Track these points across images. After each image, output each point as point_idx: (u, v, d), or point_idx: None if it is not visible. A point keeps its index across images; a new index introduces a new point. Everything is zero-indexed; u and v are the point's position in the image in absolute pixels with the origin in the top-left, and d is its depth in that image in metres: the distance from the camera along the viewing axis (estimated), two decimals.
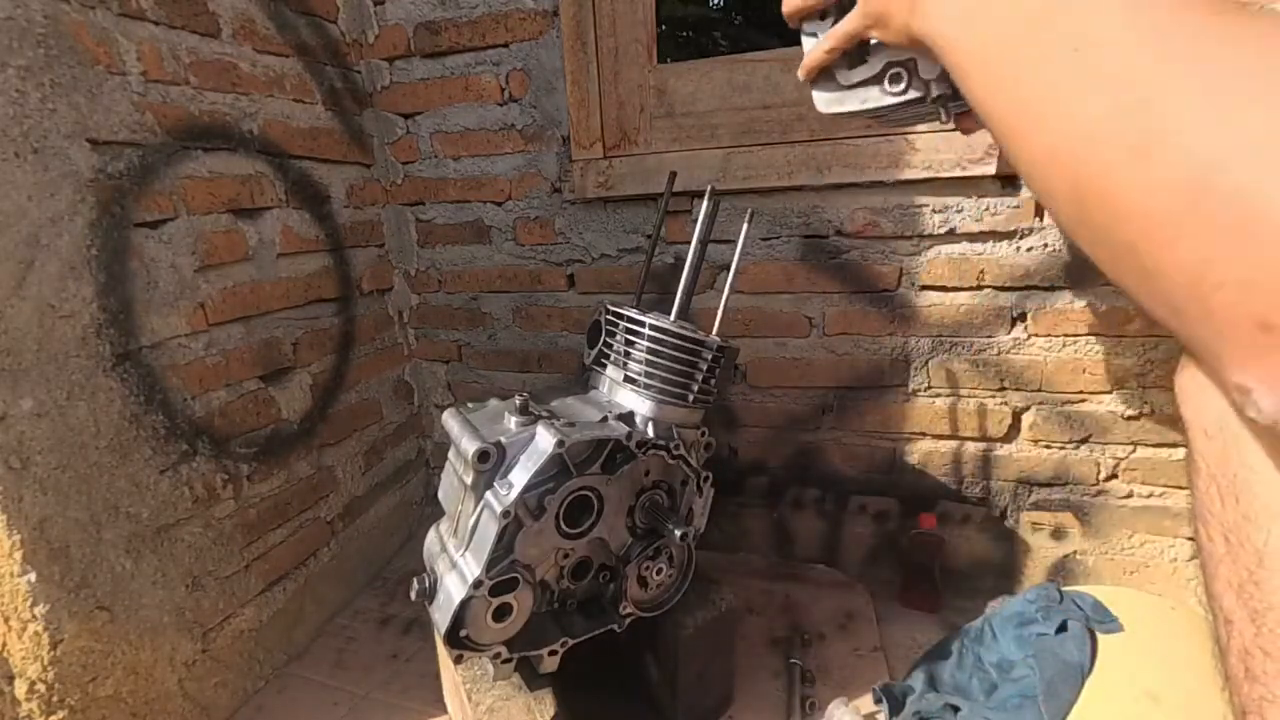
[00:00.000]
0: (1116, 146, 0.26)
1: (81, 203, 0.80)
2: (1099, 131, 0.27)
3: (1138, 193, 0.26)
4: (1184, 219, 0.24)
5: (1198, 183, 0.23)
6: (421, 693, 1.04)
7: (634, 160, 1.20)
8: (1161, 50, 0.26)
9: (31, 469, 0.75)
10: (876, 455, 1.23)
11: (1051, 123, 0.29)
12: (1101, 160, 0.27)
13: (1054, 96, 0.29)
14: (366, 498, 1.36)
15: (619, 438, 0.74)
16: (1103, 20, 0.27)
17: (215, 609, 0.99)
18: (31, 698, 0.77)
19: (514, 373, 1.44)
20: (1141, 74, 0.26)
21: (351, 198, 1.29)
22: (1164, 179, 0.25)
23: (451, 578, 0.74)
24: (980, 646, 0.99)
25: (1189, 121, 0.24)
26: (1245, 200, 0.22)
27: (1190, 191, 0.24)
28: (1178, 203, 0.24)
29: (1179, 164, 0.24)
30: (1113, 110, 0.26)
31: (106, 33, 0.83)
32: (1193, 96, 0.24)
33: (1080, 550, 1.17)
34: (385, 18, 1.27)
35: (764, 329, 1.23)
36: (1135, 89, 0.26)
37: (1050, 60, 0.29)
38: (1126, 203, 0.26)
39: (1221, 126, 0.23)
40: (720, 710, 0.95)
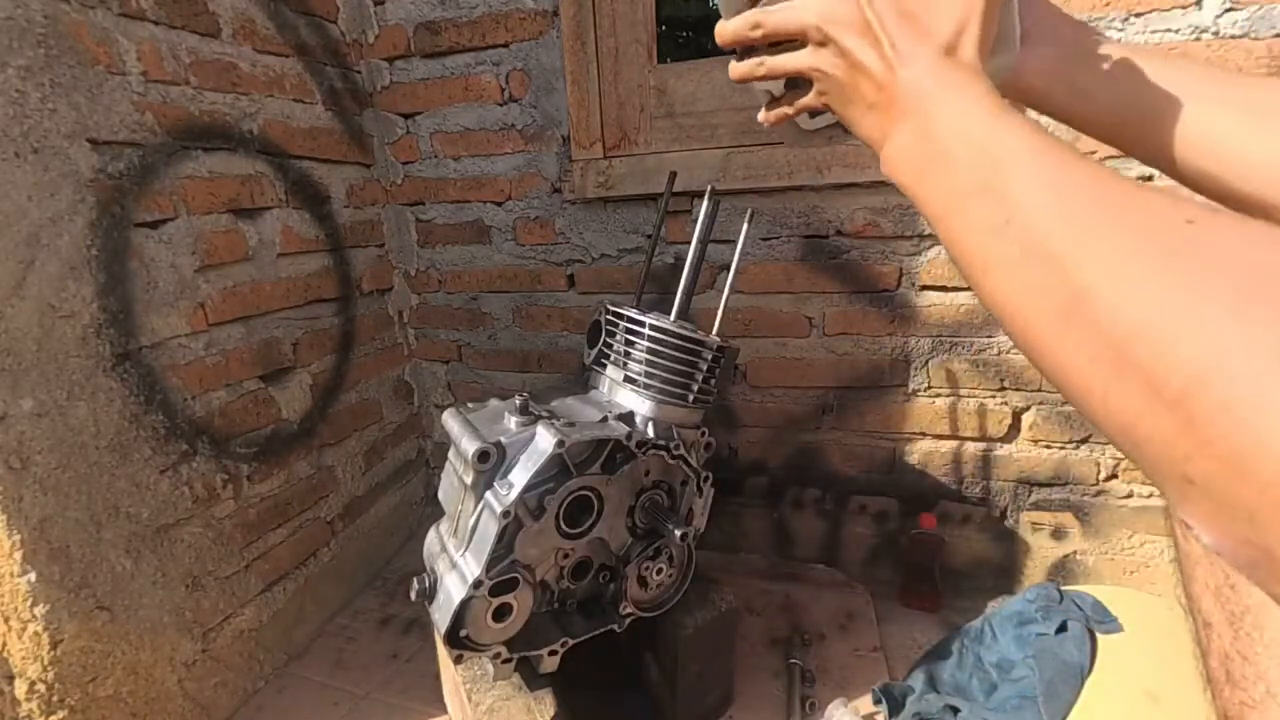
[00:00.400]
0: (1045, 311, 0.29)
1: (81, 203, 0.80)
2: (1030, 297, 0.29)
3: (1066, 355, 0.28)
4: (1108, 382, 0.26)
5: (1115, 350, 0.26)
6: (421, 693, 1.04)
7: (634, 160, 1.20)
8: (1081, 228, 0.28)
9: (31, 469, 0.75)
10: (876, 455, 1.23)
11: (990, 281, 0.32)
12: (1034, 322, 0.29)
13: (991, 260, 0.32)
14: (366, 498, 1.36)
15: (619, 438, 0.74)
16: (1030, 200, 0.30)
17: (215, 609, 0.99)
18: (31, 698, 0.77)
19: (514, 373, 1.44)
20: (1063, 249, 0.28)
21: (351, 198, 1.29)
22: (1086, 345, 0.27)
23: (451, 578, 0.74)
24: (980, 646, 0.99)
25: (1105, 294, 0.26)
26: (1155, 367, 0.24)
27: (1109, 358, 0.26)
28: (1100, 368, 0.26)
29: (1097, 333, 0.26)
30: (1041, 280, 0.29)
31: (106, 33, 0.83)
32: (1108, 271, 0.27)
33: (1080, 550, 1.17)
34: (385, 18, 1.27)
35: (764, 329, 1.23)
36: (1058, 264, 0.28)
37: (985, 230, 0.32)
38: (1060, 362, 0.29)
39: (1134, 299, 0.25)
40: (720, 710, 0.95)
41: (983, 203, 0.32)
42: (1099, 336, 0.26)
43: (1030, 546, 1.19)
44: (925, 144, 0.37)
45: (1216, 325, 0.23)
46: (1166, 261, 0.25)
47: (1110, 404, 0.26)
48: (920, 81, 0.37)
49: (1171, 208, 0.27)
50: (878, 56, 0.39)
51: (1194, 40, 0.91)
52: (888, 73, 0.38)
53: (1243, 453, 0.21)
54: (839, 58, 0.41)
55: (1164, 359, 0.24)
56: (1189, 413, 0.23)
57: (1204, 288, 0.24)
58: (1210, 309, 0.23)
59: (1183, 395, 0.23)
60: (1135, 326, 0.25)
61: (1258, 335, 0.22)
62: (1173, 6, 0.90)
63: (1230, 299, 0.23)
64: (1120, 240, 0.27)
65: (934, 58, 0.37)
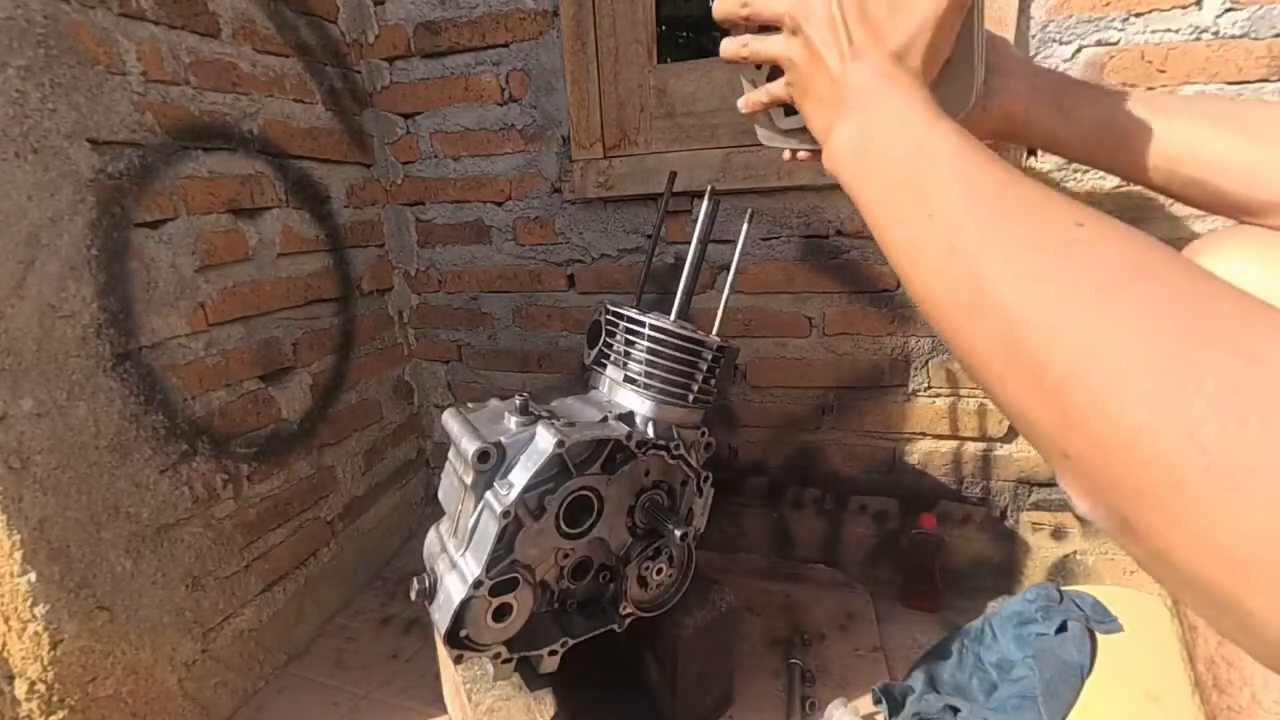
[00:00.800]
0: (956, 303, 0.32)
1: (81, 203, 0.80)
2: (944, 289, 0.32)
3: (973, 344, 0.31)
4: (1004, 371, 0.29)
5: (1008, 342, 0.29)
6: (421, 693, 1.04)
7: (634, 160, 1.20)
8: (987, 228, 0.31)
9: (31, 469, 0.75)
10: (876, 455, 1.23)
11: (914, 273, 0.35)
12: (948, 312, 0.33)
13: (915, 253, 0.35)
14: (366, 498, 1.36)
15: (619, 438, 0.74)
16: (949, 200, 0.33)
17: (215, 609, 0.99)
18: (31, 698, 0.77)
19: (514, 373, 1.44)
20: (972, 247, 0.31)
21: (351, 198, 1.29)
22: (987, 336, 0.30)
23: (451, 578, 0.74)
24: (980, 646, 0.99)
25: (1001, 290, 0.29)
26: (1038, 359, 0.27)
27: (1004, 349, 0.29)
28: (997, 357, 0.29)
29: (994, 326, 0.29)
30: (954, 274, 0.32)
31: (106, 33, 0.83)
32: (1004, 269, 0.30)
33: (1080, 550, 1.17)
34: (385, 18, 1.27)
35: (764, 329, 1.23)
36: (968, 260, 0.31)
37: (911, 224, 0.35)
38: (968, 350, 0.32)
39: (1023, 296, 0.28)
40: (720, 710, 0.95)
41: (911, 199, 0.35)
42: (996, 329, 0.29)
43: (1030, 546, 1.19)
44: (865, 140, 0.40)
45: (1086, 323, 0.26)
46: (1050, 263, 0.28)
47: (1006, 390, 0.29)
48: (867, 81, 0.40)
49: (1064, 213, 0.30)
50: (836, 51, 0.42)
51: (1194, 40, 0.91)
52: (841, 67, 0.41)
53: (1105, 435, 0.24)
54: (804, 48, 0.44)
55: (1044, 352, 0.27)
56: (1064, 400, 0.26)
57: (1078, 288, 0.27)
58: (1082, 308, 0.26)
59: (1059, 385, 0.26)
60: (1023, 321, 0.28)
61: (1119, 334, 0.25)
62: (1173, 6, 0.90)
63: (1099, 299, 0.26)
64: (1016, 241, 0.30)
65: (884, 61, 0.40)
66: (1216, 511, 0.21)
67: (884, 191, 0.37)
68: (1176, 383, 0.22)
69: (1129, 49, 0.94)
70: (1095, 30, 0.94)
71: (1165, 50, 0.92)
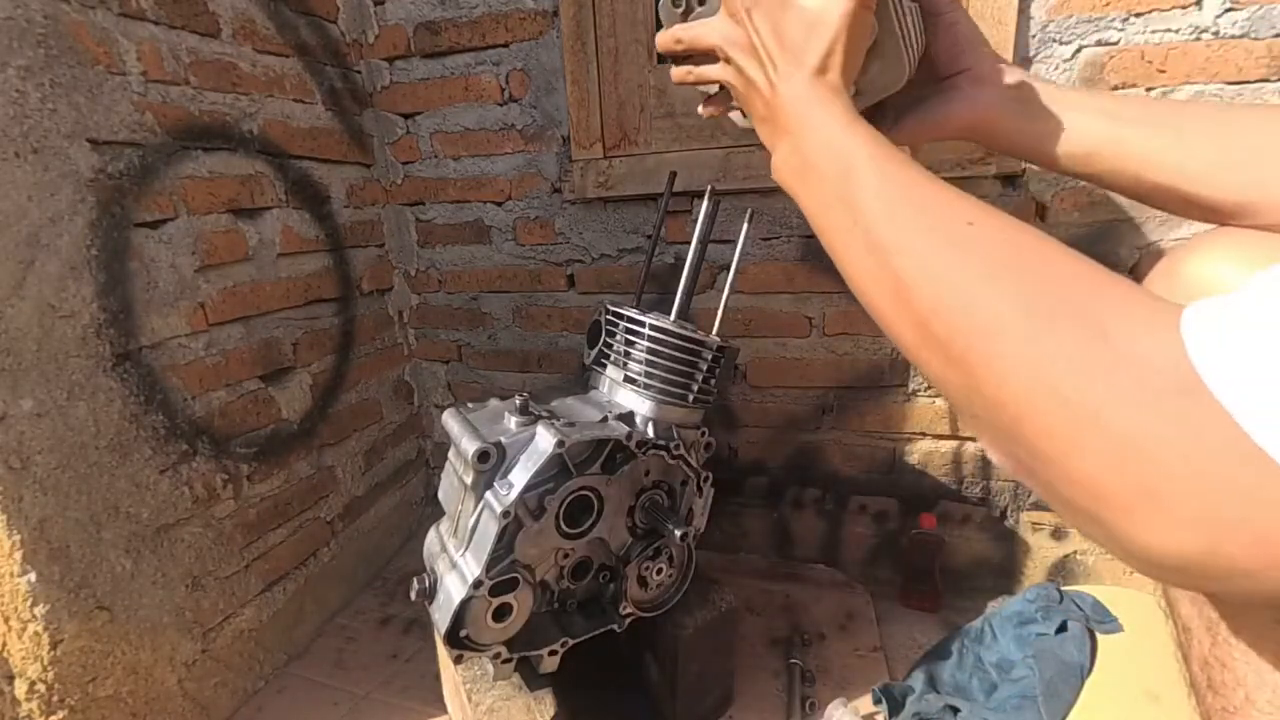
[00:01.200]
0: (882, 294, 0.37)
1: (81, 203, 0.80)
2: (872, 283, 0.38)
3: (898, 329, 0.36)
4: (921, 349, 0.35)
5: (922, 324, 0.34)
6: (421, 693, 1.04)
7: (634, 160, 1.20)
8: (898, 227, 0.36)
9: (31, 469, 0.75)
10: (876, 455, 1.23)
11: (848, 270, 0.40)
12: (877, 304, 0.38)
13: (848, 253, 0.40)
14: (366, 498, 1.36)
15: (619, 438, 0.74)
16: (867, 204, 0.38)
17: (215, 609, 0.99)
18: (31, 698, 0.77)
19: (514, 373, 1.44)
20: (888, 244, 0.36)
21: (351, 198, 1.29)
22: (907, 321, 0.35)
23: (451, 578, 0.74)
24: (980, 646, 0.99)
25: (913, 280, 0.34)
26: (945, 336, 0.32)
27: (920, 330, 0.34)
28: (916, 337, 0.35)
29: (911, 311, 0.35)
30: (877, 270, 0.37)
31: (106, 33, 0.83)
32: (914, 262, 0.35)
33: (1080, 550, 1.17)
34: (385, 18, 1.27)
35: (764, 329, 1.23)
36: (886, 256, 0.36)
37: (842, 229, 0.40)
38: (896, 335, 0.37)
39: (930, 284, 0.33)
40: (720, 710, 0.95)
41: (840, 210, 0.40)
42: (912, 314, 0.34)
43: (1030, 546, 1.19)
44: (798, 156, 0.44)
45: (978, 307, 0.31)
46: (947, 258, 0.33)
47: (926, 365, 0.35)
48: (794, 101, 0.44)
49: (960, 210, 0.35)
50: (763, 76, 0.45)
51: (1194, 40, 0.91)
52: (770, 91, 0.45)
53: (997, 397, 0.29)
54: (738, 75, 0.47)
55: (948, 333, 0.32)
56: (967, 371, 0.31)
57: (970, 279, 0.32)
58: (973, 296, 0.31)
59: (962, 359, 0.31)
60: (932, 305, 0.33)
61: (1002, 315, 0.30)
62: (1172, 6, 0.90)
63: (986, 288, 0.31)
64: (922, 237, 0.35)
65: (806, 82, 0.44)
66: (1078, 451, 0.26)
67: (820, 204, 0.42)
68: (1045, 352, 0.28)
69: (1129, 49, 0.94)
70: (1095, 30, 0.94)
71: (1165, 50, 0.92)
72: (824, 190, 0.42)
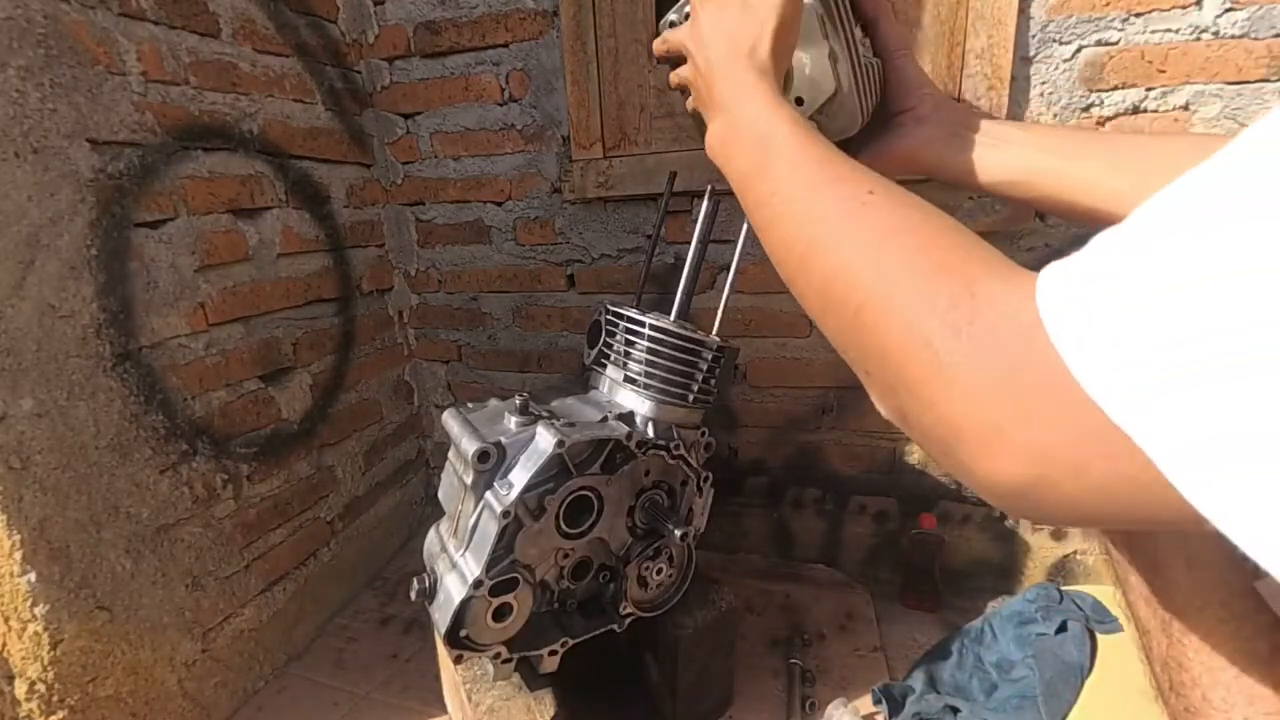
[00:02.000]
0: (792, 262, 0.41)
1: (81, 203, 0.80)
2: (785, 252, 0.41)
3: (807, 296, 0.40)
4: (825, 313, 0.38)
5: (824, 289, 0.37)
6: (421, 693, 1.04)
7: (634, 160, 1.20)
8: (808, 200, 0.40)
9: (31, 469, 0.75)
10: (876, 455, 1.23)
11: (766, 240, 0.44)
12: (788, 273, 0.42)
13: (766, 222, 0.44)
14: (366, 498, 1.36)
15: (619, 438, 0.74)
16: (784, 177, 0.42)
17: (215, 609, 0.99)
18: (31, 698, 0.77)
19: (514, 373, 1.44)
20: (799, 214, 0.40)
21: (351, 198, 1.29)
22: (812, 287, 0.39)
23: (451, 578, 0.74)
24: (980, 646, 0.99)
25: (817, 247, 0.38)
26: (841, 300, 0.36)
27: (822, 296, 0.38)
28: (820, 302, 0.38)
29: (816, 277, 0.38)
30: (789, 238, 0.41)
31: (106, 33, 0.83)
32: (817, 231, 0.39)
33: (1080, 550, 1.17)
34: (385, 18, 1.27)
35: (764, 329, 1.23)
36: (797, 225, 0.40)
37: (762, 200, 0.44)
38: (805, 302, 0.40)
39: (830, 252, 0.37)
40: (720, 710, 0.95)
41: (760, 178, 0.44)
42: (817, 279, 0.38)
43: (1030, 546, 1.19)
44: (728, 131, 0.49)
45: (869, 269, 0.34)
46: (847, 224, 0.37)
47: (828, 327, 0.38)
48: (724, 80, 0.49)
49: (861, 184, 0.39)
50: (705, 63, 0.51)
51: (1194, 40, 0.91)
52: (708, 71, 0.51)
53: (884, 350, 0.33)
54: (691, 67, 0.54)
55: (845, 293, 0.35)
56: (860, 329, 0.34)
57: (865, 244, 0.36)
58: (866, 259, 0.35)
59: (856, 319, 0.35)
60: (831, 271, 0.37)
61: (888, 276, 0.33)
62: (1172, 6, 0.90)
63: (877, 251, 0.35)
64: (827, 207, 0.39)
65: (738, 63, 0.49)
66: (943, 393, 0.29)
67: (743, 175, 0.46)
68: (924, 307, 0.31)
69: (1129, 49, 0.94)
70: (1095, 30, 0.94)
71: (1165, 50, 0.92)
72: (747, 162, 0.46)
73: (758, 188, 0.44)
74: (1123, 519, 0.28)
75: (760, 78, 0.48)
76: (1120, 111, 0.97)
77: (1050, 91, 0.99)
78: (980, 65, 0.98)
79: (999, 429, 0.27)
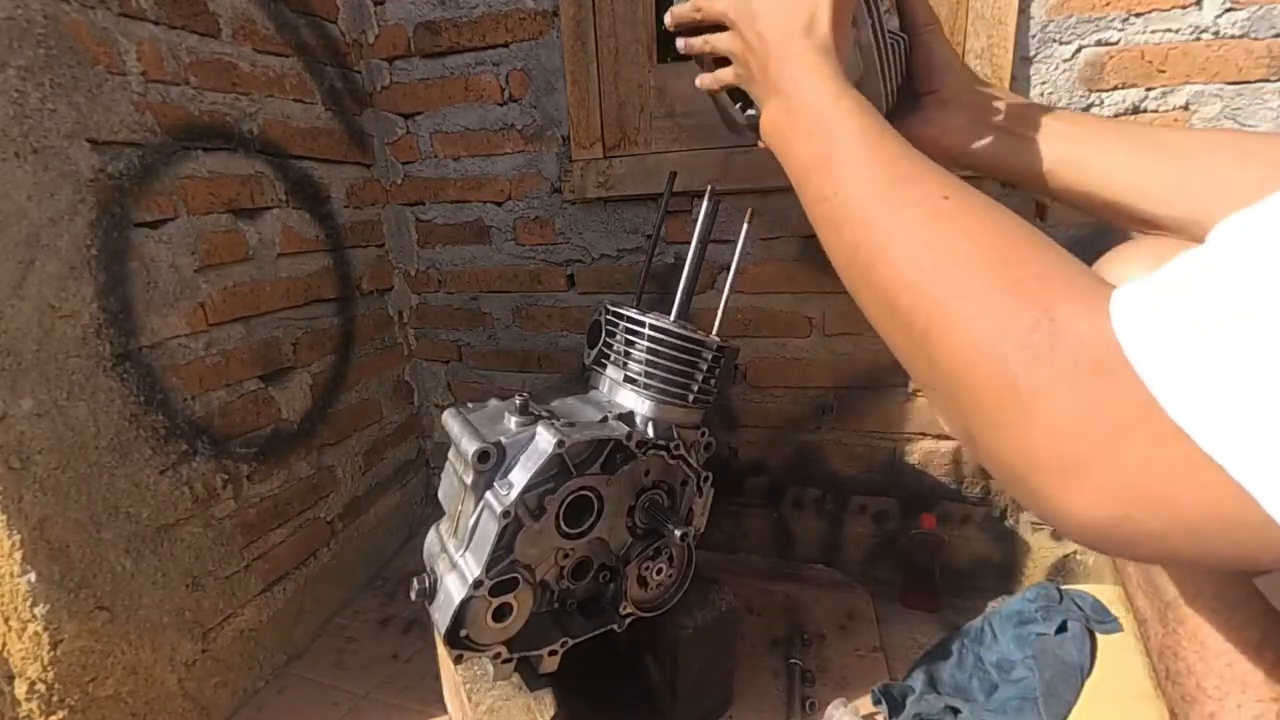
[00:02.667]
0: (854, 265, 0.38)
1: (81, 203, 0.80)
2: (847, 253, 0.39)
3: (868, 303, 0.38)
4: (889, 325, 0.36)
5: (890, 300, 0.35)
6: (421, 693, 1.04)
7: (634, 160, 1.20)
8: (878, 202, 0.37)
9: (31, 469, 0.75)
10: (876, 455, 1.23)
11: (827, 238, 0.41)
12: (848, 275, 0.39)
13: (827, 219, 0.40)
14: (366, 498, 1.36)
15: (619, 438, 0.74)
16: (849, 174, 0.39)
17: (215, 609, 0.99)
18: (31, 698, 0.77)
19: (514, 373, 1.44)
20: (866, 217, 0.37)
21: (351, 198, 1.29)
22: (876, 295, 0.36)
23: (451, 578, 0.74)
24: (980, 646, 0.99)
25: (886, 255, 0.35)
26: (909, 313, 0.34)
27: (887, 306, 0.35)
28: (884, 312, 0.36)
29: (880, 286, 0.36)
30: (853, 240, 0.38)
31: (106, 33, 0.83)
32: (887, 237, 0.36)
33: (1080, 550, 1.17)
34: (385, 18, 1.27)
35: (764, 329, 1.23)
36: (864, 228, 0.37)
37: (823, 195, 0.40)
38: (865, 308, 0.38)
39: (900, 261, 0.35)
40: (720, 710, 0.95)
41: (822, 173, 0.41)
42: (881, 288, 0.36)
43: (1030, 546, 1.19)
44: (786, 117, 0.45)
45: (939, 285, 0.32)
46: (923, 229, 0.34)
47: (892, 341, 0.36)
48: (783, 61, 0.45)
49: (935, 186, 0.36)
50: (757, 38, 0.47)
51: (1194, 40, 0.91)
52: (761, 47, 0.47)
53: (954, 370, 0.31)
54: (737, 39, 0.49)
55: (913, 306, 0.33)
56: (928, 346, 0.32)
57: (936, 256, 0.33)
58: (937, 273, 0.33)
59: (924, 335, 0.33)
60: (898, 281, 0.34)
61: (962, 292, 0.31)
62: (1172, 6, 0.90)
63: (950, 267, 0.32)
64: (896, 211, 0.36)
65: (795, 41, 0.45)
66: (1020, 422, 0.28)
67: (803, 168, 0.43)
68: (1001, 329, 0.29)
69: (1129, 49, 0.94)
70: (1095, 30, 0.94)
71: (1165, 50, 0.92)
72: (808, 153, 0.43)
73: (818, 183, 0.41)
74: (1212, 556, 0.26)
75: (821, 57, 0.44)
76: (1120, 111, 0.97)
77: (1050, 92, 0.99)
78: (980, 65, 0.98)
79: (1081, 463, 0.26)
